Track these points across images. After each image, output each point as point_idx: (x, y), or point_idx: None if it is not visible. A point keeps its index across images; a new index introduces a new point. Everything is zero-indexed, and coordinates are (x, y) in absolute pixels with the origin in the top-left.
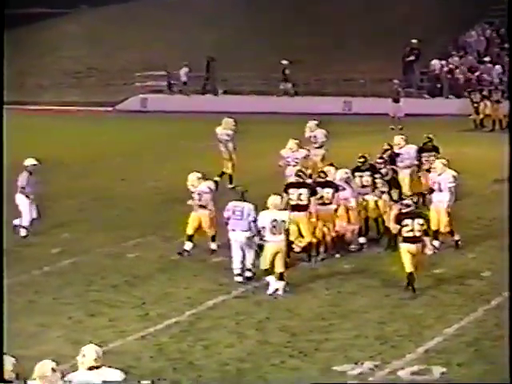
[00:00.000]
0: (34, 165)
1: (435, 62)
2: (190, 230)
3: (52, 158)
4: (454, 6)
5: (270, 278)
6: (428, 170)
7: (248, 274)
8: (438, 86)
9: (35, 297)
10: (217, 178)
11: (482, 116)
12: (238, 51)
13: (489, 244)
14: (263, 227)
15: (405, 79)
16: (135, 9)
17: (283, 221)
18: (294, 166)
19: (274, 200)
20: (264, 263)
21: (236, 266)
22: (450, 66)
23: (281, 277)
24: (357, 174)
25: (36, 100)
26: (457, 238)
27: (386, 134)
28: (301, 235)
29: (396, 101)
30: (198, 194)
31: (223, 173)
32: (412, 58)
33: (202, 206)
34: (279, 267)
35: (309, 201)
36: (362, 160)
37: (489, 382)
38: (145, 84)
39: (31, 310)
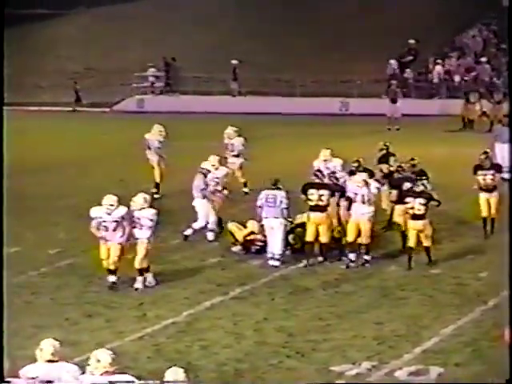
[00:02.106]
0: (209, 171)
1: (392, 62)
2: (106, 265)
3: (49, 158)
4: (450, 7)
5: (148, 275)
6: (486, 190)
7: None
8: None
9: (32, 298)
10: (156, 196)
11: (472, 117)
12: (236, 51)
13: (486, 244)
14: (141, 226)
15: (402, 80)
16: (132, 10)
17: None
18: (215, 185)
19: (141, 198)
20: (140, 263)
21: (270, 251)
22: (447, 66)
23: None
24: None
25: (34, 101)
26: (368, 257)
27: (383, 134)
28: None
29: (393, 101)
30: (115, 221)
31: (158, 184)
32: (409, 58)
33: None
34: (146, 263)
35: (328, 202)
36: (356, 164)
37: (486, 383)
38: (141, 85)
39: (28, 310)
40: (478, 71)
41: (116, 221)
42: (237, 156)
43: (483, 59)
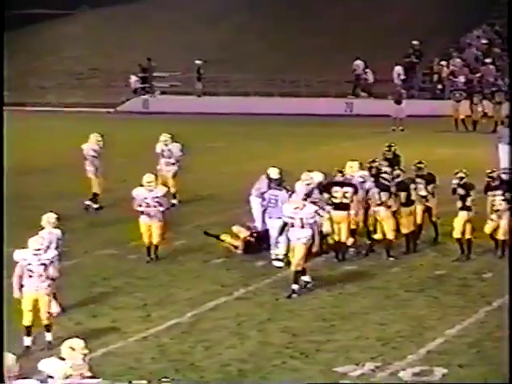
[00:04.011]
0: (276, 179)
1: (358, 63)
2: (26, 321)
3: (54, 158)
4: (455, 8)
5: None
6: (495, 211)
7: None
8: (440, 87)
9: None
10: (88, 202)
11: (476, 117)
12: (240, 52)
13: (490, 245)
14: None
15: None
16: (137, 10)
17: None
18: (155, 207)
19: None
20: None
21: (273, 252)
22: (452, 67)
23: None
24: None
25: (38, 101)
26: (307, 279)
27: (388, 135)
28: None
29: (398, 102)
30: (43, 264)
31: (95, 194)
32: (414, 61)
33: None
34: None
35: (351, 200)
36: (370, 165)
37: (490, 383)
38: (146, 85)
39: None
40: (483, 72)
41: (44, 264)
42: (172, 164)
43: (488, 60)
